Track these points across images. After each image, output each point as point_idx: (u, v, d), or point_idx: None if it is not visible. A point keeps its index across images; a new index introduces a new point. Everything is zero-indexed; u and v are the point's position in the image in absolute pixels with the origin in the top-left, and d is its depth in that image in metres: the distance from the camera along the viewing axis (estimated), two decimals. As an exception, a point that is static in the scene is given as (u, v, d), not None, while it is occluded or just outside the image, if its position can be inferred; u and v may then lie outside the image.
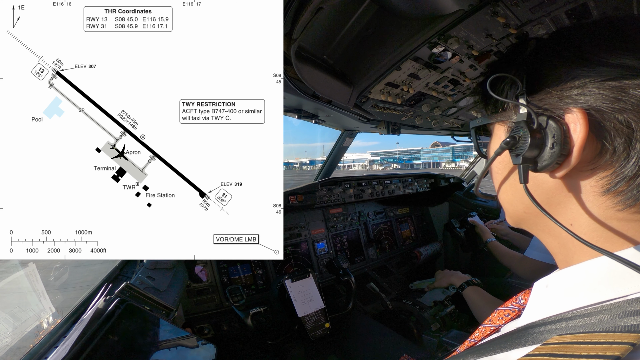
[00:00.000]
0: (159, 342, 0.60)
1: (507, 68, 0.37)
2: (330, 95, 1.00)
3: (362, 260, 1.95)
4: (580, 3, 0.75)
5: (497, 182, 0.41)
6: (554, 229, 0.36)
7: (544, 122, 0.32)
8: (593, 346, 0.25)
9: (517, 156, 0.34)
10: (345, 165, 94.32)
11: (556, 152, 0.31)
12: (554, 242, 0.37)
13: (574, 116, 0.30)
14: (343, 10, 0.77)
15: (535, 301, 0.38)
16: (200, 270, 1.39)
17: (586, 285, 0.32)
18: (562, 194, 0.34)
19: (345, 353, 1.29)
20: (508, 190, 0.40)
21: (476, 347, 0.39)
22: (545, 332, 0.31)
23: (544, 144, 0.32)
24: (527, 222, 0.40)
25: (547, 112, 0.32)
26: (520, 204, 0.38)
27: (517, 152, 0.34)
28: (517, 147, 0.34)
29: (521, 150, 0.33)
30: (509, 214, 0.42)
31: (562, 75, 0.32)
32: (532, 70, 0.34)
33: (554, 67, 0.33)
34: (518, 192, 0.38)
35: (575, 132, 0.30)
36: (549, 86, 0.33)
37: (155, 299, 0.69)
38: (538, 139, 0.32)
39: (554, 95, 0.32)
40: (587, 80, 0.30)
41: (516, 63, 0.37)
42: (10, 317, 0.97)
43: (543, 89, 0.33)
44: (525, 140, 0.33)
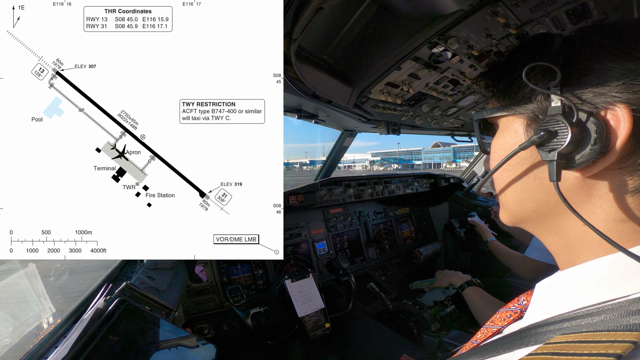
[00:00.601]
0: (159, 342, 0.60)
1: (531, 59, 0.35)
2: (330, 95, 1.00)
3: (362, 260, 1.95)
4: (580, 3, 0.75)
5: (505, 179, 0.39)
6: (562, 229, 0.35)
7: (584, 117, 0.31)
8: (595, 344, 0.26)
9: (550, 152, 0.32)
10: (346, 166, 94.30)
11: (596, 150, 0.30)
12: (560, 241, 0.37)
13: (617, 113, 0.29)
14: (343, 10, 0.77)
15: (537, 302, 0.38)
16: (201, 271, 1.39)
17: (589, 286, 0.32)
18: (582, 192, 0.33)
19: (345, 353, 1.29)
20: (518, 187, 0.38)
21: (479, 348, 0.39)
22: (548, 332, 0.31)
23: (584, 140, 0.30)
24: (531, 221, 0.39)
25: (588, 106, 0.31)
26: (530, 202, 0.37)
27: (551, 147, 0.32)
28: (550, 142, 0.32)
29: (557, 145, 0.31)
30: (512, 212, 0.40)
31: (603, 69, 0.30)
32: (569, 61, 0.32)
33: (594, 59, 0.31)
34: (530, 190, 0.36)
35: (618, 128, 0.29)
36: (588, 79, 0.31)
37: (155, 299, 0.69)
38: (577, 134, 0.31)
39: (594, 89, 0.30)
40: (631, 76, 0.29)
41: (547, 54, 0.34)
42: (10, 317, 0.97)
43: (581, 81, 0.31)
44: (564, 135, 0.31)
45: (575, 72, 0.32)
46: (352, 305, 1.37)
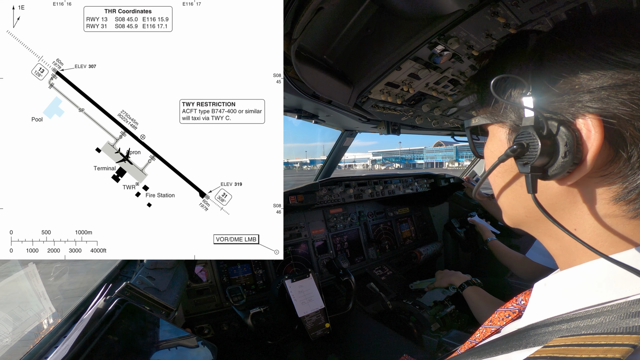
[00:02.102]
0: (158, 342, 0.60)
1: (506, 65, 0.34)
2: (330, 95, 1.00)
3: (362, 260, 1.95)
4: (581, 3, 0.75)
5: (497, 185, 0.39)
6: (555, 233, 0.35)
7: (554, 128, 0.29)
8: (594, 348, 0.25)
9: (524, 165, 0.32)
10: (346, 165, 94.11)
11: (568, 162, 0.29)
12: (556, 244, 0.37)
13: (587, 122, 0.28)
14: (343, 11, 0.77)
15: (535, 302, 0.38)
16: (200, 270, 1.39)
17: (587, 287, 0.32)
18: (568, 200, 0.32)
19: (345, 353, 1.29)
20: (509, 194, 0.38)
21: (477, 348, 0.39)
22: (546, 334, 0.31)
23: (555, 152, 0.30)
24: (527, 224, 0.39)
25: (558, 116, 0.30)
26: (521, 208, 0.37)
27: (524, 160, 0.31)
28: (524, 155, 0.31)
29: (530, 158, 0.31)
30: (509, 216, 0.41)
31: (573, 75, 0.29)
32: (538, 69, 0.31)
33: (563, 66, 0.30)
34: (520, 197, 0.36)
35: (589, 139, 0.28)
36: (558, 88, 0.30)
37: (155, 299, 0.69)
38: (548, 147, 0.30)
39: (565, 98, 0.29)
40: (602, 82, 0.27)
41: (519, 60, 0.33)
42: (10, 317, 0.97)
43: (551, 90, 0.30)
44: (535, 148, 0.30)
45: (546, 80, 0.30)
46: (352, 305, 1.37)
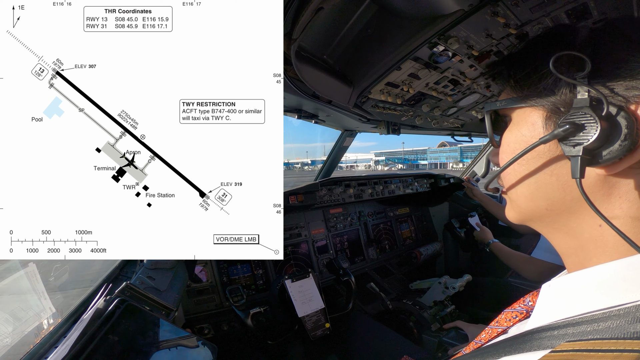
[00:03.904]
0: (159, 342, 0.60)
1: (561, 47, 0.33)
2: (330, 95, 1.00)
3: (362, 260, 1.95)
4: (580, 3, 0.75)
5: (517, 174, 0.36)
6: (574, 229, 0.34)
7: (614, 111, 0.29)
8: (603, 354, 0.24)
9: (574, 146, 0.30)
10: (348, 166, 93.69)
11: (626, 146, 0.28)
12: (571, 242, 0.35)
13: None
14: (343, 11, 0.77)
15: (543, 304, 0.36)
16: (200, 271, 1.39)
17: (598, 290, 0.31)
18: (602, 191, 0.31)
19: (345, 353, 1.29)
20: (531, 184, 0.35)
21: (482, 349, 0.38)
22: (552, 338, 0.30)
23: (613, 136, 0.29)
24: (541, 219, 0.37)
25: (619, 99, 0.29)
26: (544, 199, 0.35)
27: (575, 141, 0.30)
28: (575, 136, 0.30)
29: (583, 140, 0.29)
30: (521, 210, 0.38)
31: (635, 61, 0.29)
32: (598, 52, 0.30)
33: (626, 51, 0.29)
34: (545, 187, 0.34)
35: None
36: (620, 71, 0.29)
37: (155, 299, 0.69)
38: (606, 129, 0.29)
39: (625, 82, 0.29)
40: None
41: (576, 43, 0.32)
42: (10, 316, 0.97)
43: (612, 73, 0.29)
44: (591, 129, 0.29)
45: (606, 64, 0.30)
46: (352, 305, 1.37)
